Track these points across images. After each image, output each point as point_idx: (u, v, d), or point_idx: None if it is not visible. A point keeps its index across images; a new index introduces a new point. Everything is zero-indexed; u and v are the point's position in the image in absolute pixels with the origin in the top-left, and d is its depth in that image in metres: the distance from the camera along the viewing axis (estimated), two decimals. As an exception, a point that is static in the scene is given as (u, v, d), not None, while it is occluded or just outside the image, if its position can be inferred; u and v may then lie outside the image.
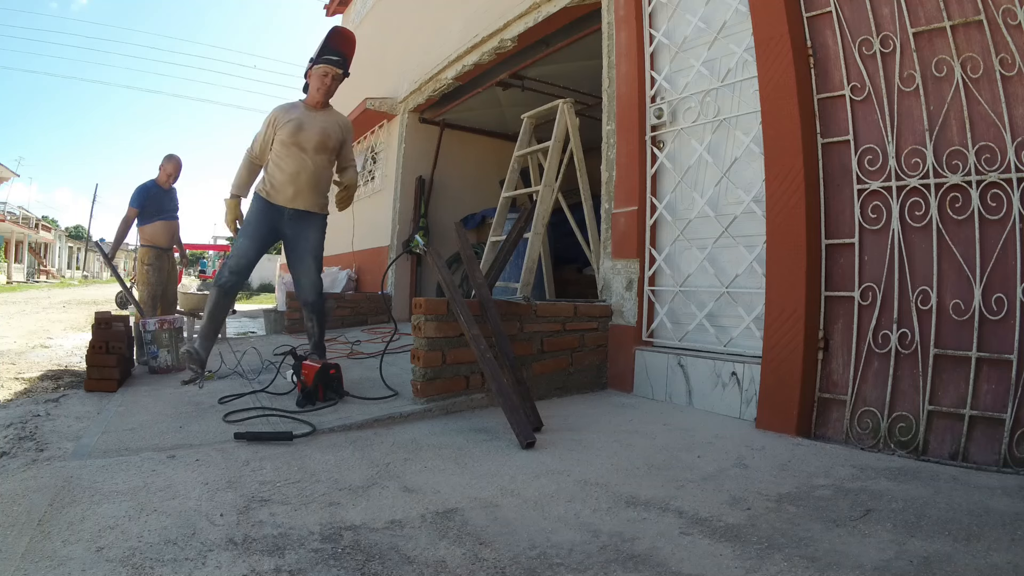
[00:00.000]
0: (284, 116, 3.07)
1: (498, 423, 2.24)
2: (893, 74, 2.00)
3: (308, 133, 3.06)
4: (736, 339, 2.53)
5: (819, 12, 2.20)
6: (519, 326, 2.66)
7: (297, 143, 3.04)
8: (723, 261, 2.61)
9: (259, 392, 2.70)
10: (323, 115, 3.17)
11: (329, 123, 3.16)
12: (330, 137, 3.13)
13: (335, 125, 3.19)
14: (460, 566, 1.14)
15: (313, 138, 3.07)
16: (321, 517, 1.35)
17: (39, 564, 1.11)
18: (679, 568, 1.14)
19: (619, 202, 3.05)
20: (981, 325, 1.78)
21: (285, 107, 3.14)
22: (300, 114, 3.10)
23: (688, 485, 1.60)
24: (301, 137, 3.05)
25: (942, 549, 1.20)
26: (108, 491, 1.48)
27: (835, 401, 2.07)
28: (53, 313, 8.44)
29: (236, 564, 1.12)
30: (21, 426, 2.14)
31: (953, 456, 1.78)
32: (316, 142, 3.08)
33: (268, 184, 3.10)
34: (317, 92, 3.12)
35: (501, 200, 4.04)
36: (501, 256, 3.01)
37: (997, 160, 1.78)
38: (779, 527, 1.32)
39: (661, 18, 2.97)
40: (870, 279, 2.02)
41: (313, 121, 3.10)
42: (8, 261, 23.88)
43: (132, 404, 2.53)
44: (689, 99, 2.79)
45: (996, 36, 1.79)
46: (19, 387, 2.93)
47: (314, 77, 3.11)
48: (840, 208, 2.12)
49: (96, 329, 2.93)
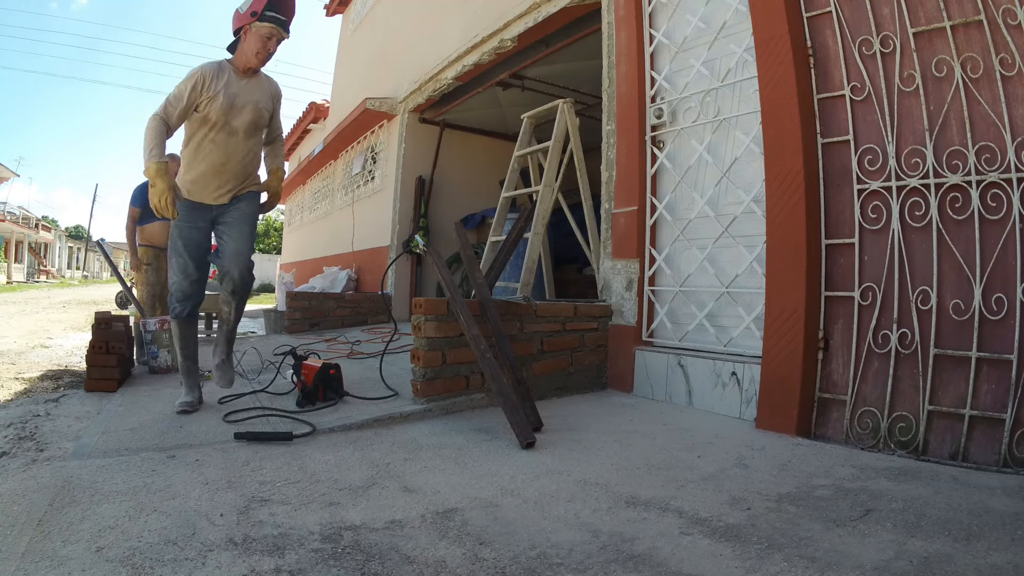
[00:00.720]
0: (213, 84, 2.38)
1: (498, 423, 2.24)
2: (893, 74, 2.00)
3: (241, 111, 2.44)
4: (736, 339, 2.53)
5: (819, 12, 2.20)
6: (519, 326, 2.66)
7: (227, 124, 2.42)
8: (723, 261, 2.61)
9: (259, 392, 2.71)
10: (255, 83, 2.51)
11: (262, 95, 2.53)
12: (262, 114, 2.54)
13: (267, 96, 2.56)
14: (460, 566, 1.14)
15: (247, 117, 2.46)
16: (321, 517, 1.35)
17: (39, 564, 1.11)
18: (679, 568, 1.14)
19: (619, 202, 3.05)
20: (981, 325, 1.78)
21: (212, 69, 2.40)
22: (231, 84, 2.42)
23: (688, 485, 1.60)
24: (232, 117, 2.43)
25: (942, 549, 1.20)
26: (108, 491, 1.48)
27: (835, 401, 2.07)
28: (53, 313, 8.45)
29: (236, 564, 1.12)
30: (21, 426, 2.14)
31: (953, 456, 1.78)
32: (249, 121, 2.47)
33: (187, 179, 2.47)
34: (255, 57, 2.42)
35: (501, 200, 4.05)
36: (501, 256, 3.01)
37: (997, 160, 1.78)
38: (779, 527, 1.32)
39: (661, 18, 2.97)
40: (870, 279, 2.02)
41: (246, 94, 2.46)
42: (8, 261, 23.88)
43: (132, 404, 2.53)
44: (689, 99, 2.79)
45: (996, 36, 1.79)
46: (19, 387, 2.93)
47: (253, 37, 2.40)
48: (840, 208, 2.12)
49: (96, 329, 2.93)
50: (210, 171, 2.45)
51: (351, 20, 9.02)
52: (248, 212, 2.56)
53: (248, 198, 2.58)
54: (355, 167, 7.67)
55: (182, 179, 2.48)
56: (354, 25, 8.74)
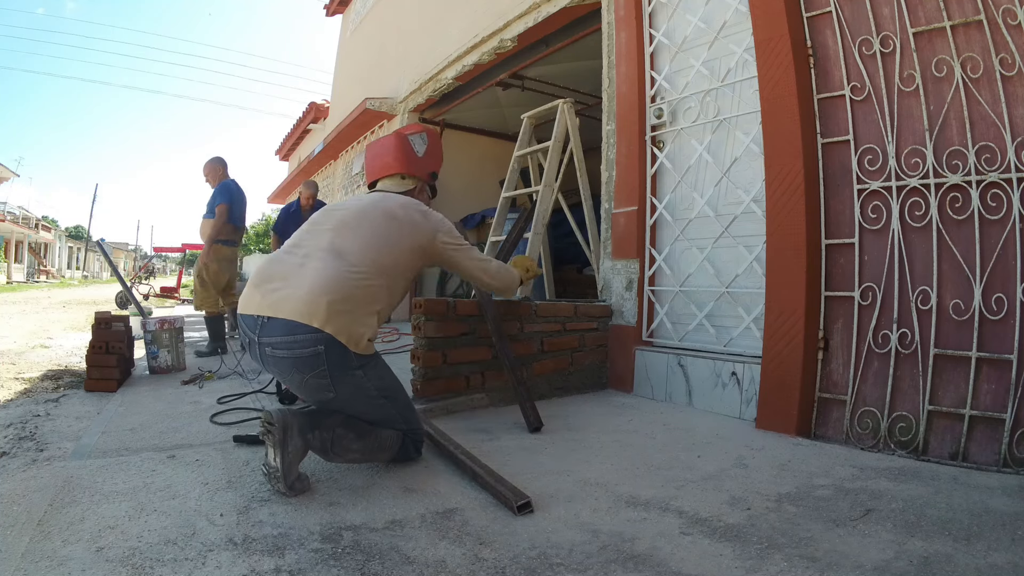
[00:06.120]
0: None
1: (498, 423, 2.24)
2: (893, 74, 2.00)
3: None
4: (736, 339, 2.53)
5: (819, 12, 2.20)
6: (519, 326, 2.66)
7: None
8: (723, 261, 2.61)
9: (259, 392, 2.71)
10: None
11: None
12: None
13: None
14: (460, 566, 1.14)
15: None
16: (321, 517, 1.35)
17: (39, 564, 1.11)
18: (679, 568, 1.14)
19: (619, 202, 3.05)
20: (981, 325, 1.78)
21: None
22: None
23: (688, 485, 1.60)
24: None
25: (942, 549, 1.20)
26: (108, 491, 1.48)
27: (835, 401, 2.07)
28: (53, 313, 8.44)
29: (236, 564, 1.12)
30: (21, 426, 2.13)
31: (953, 456, 1.78)
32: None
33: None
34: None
35: (501, 200, 4.04)
36: (501, 256, 3.00)
37: (997, 160, 1.78)
38: (779, 527, 1.32)
39: (661, 18, 2.97)
40: (870, 279, 2.02)
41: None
42: (8, 261, 23.88)
43: (132, 404, 2.53)
44: (689, 99, 2.79)
45: (996, 36, 1.79)
46: (19, 387, 2.93)
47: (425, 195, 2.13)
48: (840, 208, 2.12)
49: (96, 329, 2.93)
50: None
51: (351, 20, 9.02)
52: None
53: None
54: (355, 167, 7.67)
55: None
56: (354, 25, 8.75)
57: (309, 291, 1.51)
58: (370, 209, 1.75)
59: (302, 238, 1.72)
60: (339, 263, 1.58)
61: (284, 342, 1.51)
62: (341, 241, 1.64)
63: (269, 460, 1.44)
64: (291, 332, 1.49)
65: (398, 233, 1.71)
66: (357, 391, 1.58)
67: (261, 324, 1.54)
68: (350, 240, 1.65)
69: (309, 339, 1.49)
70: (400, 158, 2.03)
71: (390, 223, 1.72)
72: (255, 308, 1.56)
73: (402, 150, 2.04)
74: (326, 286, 1.52)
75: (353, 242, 1.64)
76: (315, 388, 1.55)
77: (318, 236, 1.69)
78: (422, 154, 2.08)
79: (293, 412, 1.48)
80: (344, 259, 1.60)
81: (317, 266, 1.57)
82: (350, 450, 1.56)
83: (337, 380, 1.53)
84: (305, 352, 1.49)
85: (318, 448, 1.51)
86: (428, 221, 1.80)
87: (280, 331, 1.51)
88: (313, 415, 1.53)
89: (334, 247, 1.62)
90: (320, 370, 1.51)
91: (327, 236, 1.67)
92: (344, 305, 1.51)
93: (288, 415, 1.45)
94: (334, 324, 1.49)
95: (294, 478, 1.46)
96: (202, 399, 2.63)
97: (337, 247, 1.63)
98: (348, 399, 1.58)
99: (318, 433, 1.49)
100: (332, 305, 1.49)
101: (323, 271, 1.55)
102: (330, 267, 1.57)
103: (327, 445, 1.51)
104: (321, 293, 1.50)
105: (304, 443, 1.47)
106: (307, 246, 1.66)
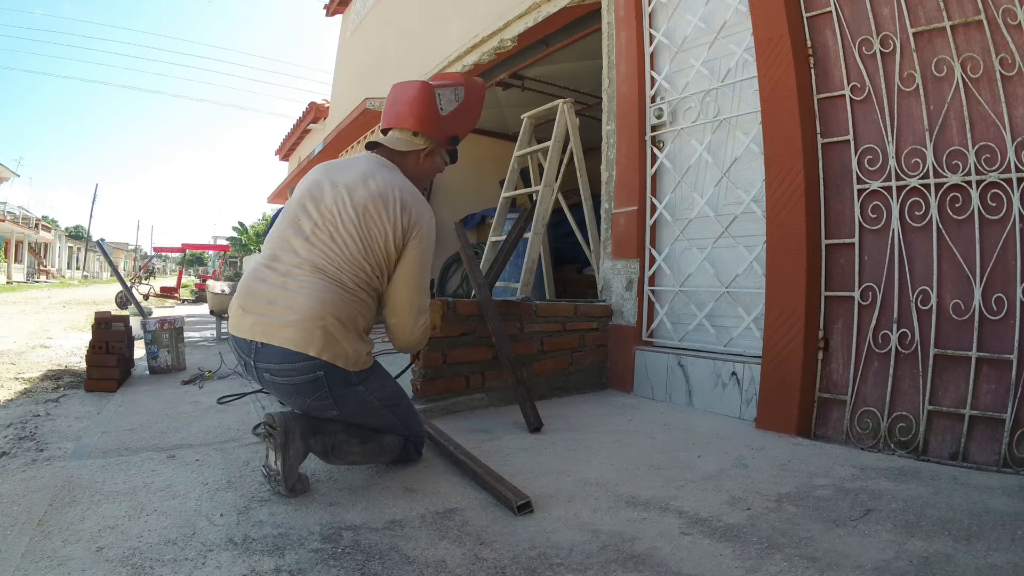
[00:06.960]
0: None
1: (498, 423, 2.24)
2: (893, 74, 2.00)
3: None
4: (736, 339, 2.53)
5: (819, 12, 2.20)
6: (519, 326, 2.66)
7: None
8: (723, 261, 2.61)
9: (259, 392, 2.70)
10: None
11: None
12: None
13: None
14: (460, 566, 1.14)
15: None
16: (321, 517, 1.35)
17: (39, 564, 1.11)
18: (679, 568, 1.14)
19: (619, 202, 3.05)
20: (981, 325, 1.78)
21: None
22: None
23: (688, 485, 1.60)
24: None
25: (942, 549, 1.20)
26: (108, 491, 1.48)
27: (835, 401, 2.07)
28: (53, 313, 8.44)
29: (236, 564, 1.12)
30: (21, 426, 2.13)
31: (953, 456, 1.78)
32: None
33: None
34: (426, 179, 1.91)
35: (501, 200, 4.04)
36: (501, 256, 3.00)
37: (997, 160, 1.78)
38: (779, 527, 1.32)
39: (661, 18, 2.97)
40: (870, 279, 2.02)
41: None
42: (8, 261, 23.87)
43: (132, 404, 2.53)
44: (689, 99, 2.79)
45: (996, 36, 1.79)
46: (19, 387, 2.93)
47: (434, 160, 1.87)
48: (840, 208, 2.12)
49: (96, 329, 2.93)
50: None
51: (351, 20, 9.02)
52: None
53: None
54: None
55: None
56: (354, 25, 8.74)
57: (301, 318, 1.42)
58: (350, 199, 1.54)
59: (278, 247, 1.54)
60: (324, 282, 1.46)
61: (282, 369, 1.45)
62: (319, 254, 1.49)
63: (270, 463, 1.44)
64: (289, 360, 1.43)
65: (379, 230, 1.53)
66: (360, 405, 1.55)
67: (256, 349, 1.47)
68: (328, 248, 1.49)
69: (307, 366, 1.43)
70: (418, 112, 1.75)
71: (370, 221, 1.52)
72: (247, 333, 1.47)
73: (423, 103, 1.75)
74: (318, 310, 1.42)
75: (331, 251, 1.49)
76: (318, 408, 1.52)
77: (293, 246, 1.51)
78: (447, 112, 1.79)
79: (295, 416, 1.47)
80: (325, 274, 1.47)
81: (301, 286, 1.45)
82: (351, 454, 1.55)
83: (339, 399, 1.50)
84: (305, 379, 1.45)
85: (319, 452, 1.50)
86: (414, 216, 1.58)
87: (277, 359, 1.44)
88: (315, 419, 1.52)
89: (314, 262, 1.48)
90: (321, 392, 1.47)
91: (303, 248, 1.50)
92: (338, 329, 1.44)
93: (291, 419, 1.44)
94: (331, 351, 1.43)
95: (294, 480, 1.45)
96: (202, 399, 2.63)
97: (317, 263, 1.48)
98: (352, 414, 1.55)
99: (320, 438, 1.48)
100: (327, 331, 1.42)
101: (309, 292, 1.44)
102: (316, 287, 1.45)
103: (328, 449, 1.50)
104: (313, 320, 1.41)
105: (306, 447, 1.46)
106: (286, 261, 1.50)
